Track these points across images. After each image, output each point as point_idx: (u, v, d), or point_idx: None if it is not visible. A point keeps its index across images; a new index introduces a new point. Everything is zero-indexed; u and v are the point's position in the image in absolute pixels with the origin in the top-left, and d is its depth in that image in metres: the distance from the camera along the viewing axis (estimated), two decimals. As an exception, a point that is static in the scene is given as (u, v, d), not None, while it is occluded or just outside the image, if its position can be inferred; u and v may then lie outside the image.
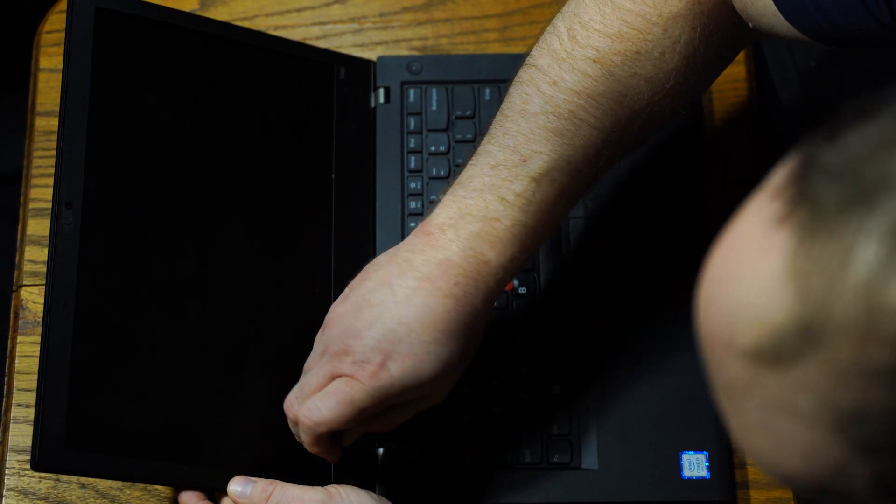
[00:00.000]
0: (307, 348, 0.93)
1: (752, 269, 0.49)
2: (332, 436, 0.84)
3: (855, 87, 1.02)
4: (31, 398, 0.95)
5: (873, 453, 0.48)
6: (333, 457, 0.85)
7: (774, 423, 0.50)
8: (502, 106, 0.83)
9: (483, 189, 0.80)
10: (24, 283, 0.99)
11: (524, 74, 0.82)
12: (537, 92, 0.80)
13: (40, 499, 0.93)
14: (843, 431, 0.48)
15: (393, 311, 0.79)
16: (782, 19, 0.75)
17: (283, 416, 0.90)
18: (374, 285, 0.81)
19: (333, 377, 0.81)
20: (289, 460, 0.89)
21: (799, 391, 0.48)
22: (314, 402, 0.81)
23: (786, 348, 0.47)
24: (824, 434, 0.48)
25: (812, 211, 0.47)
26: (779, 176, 0.50)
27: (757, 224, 0.50)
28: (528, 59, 0.83)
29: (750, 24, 0.80)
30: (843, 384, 0.46)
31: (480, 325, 0.81)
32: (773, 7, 0.75)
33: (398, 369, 0.79)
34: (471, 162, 0.82)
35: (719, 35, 0.81)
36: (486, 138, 0.82)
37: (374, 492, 0.88)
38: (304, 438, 0.83)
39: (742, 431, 0.53)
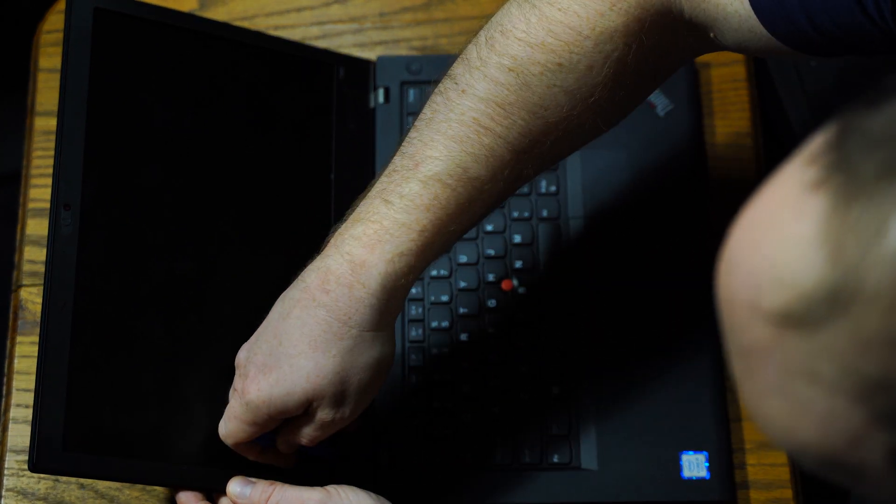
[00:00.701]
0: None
1: (784, 233, 0.48)
2: (263, 446, 0.85)
3: (855, 84, 1.01)
4: (30, 398, 0.95)
5: (893, 424, 0.47)
6: (285, 463, 0.87)
7: (793, 388, 0.49)
8: (416, 118, 0.81)
9: (373, 195, 0.79)
10: (24, 283, 0.99)
11: (440, 86, 0.80)
12: (444, 101, 0.79)
13: (39, 499, 0.93)
14: (863, 400, 0.47)
15: (273, 324, 0.80)
16: (758, 30, 0.73)
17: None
18: (277, 301, 0.81)
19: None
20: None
21: (822, 357, 0.47)
22: (221, 419, 0.84)
23: (813, 313, 0.47)
24: (844, 402, 0.48)
25: (850, 176, 0.47)
26: (815, 143, 0.50)
27: (791, 189, 0.49)
28: (448, 70, 0.81)
29: (710, 35, 0.77)
30: (869, 352, 0.46)
31: (362, 340, 0.78)
32: (749, 19, 0.73)
33: (265, 382, 0.79)
34: (378, 174, 0.81)
35: (656, 52, 0.78)
36: (396, 151, 0.81)
37: (374, 492, 0.88)
38: (237, 452, 0.85)
39: (757, 397, 0.52)
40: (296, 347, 0.78)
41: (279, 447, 0.85)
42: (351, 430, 0.90)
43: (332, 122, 0.99)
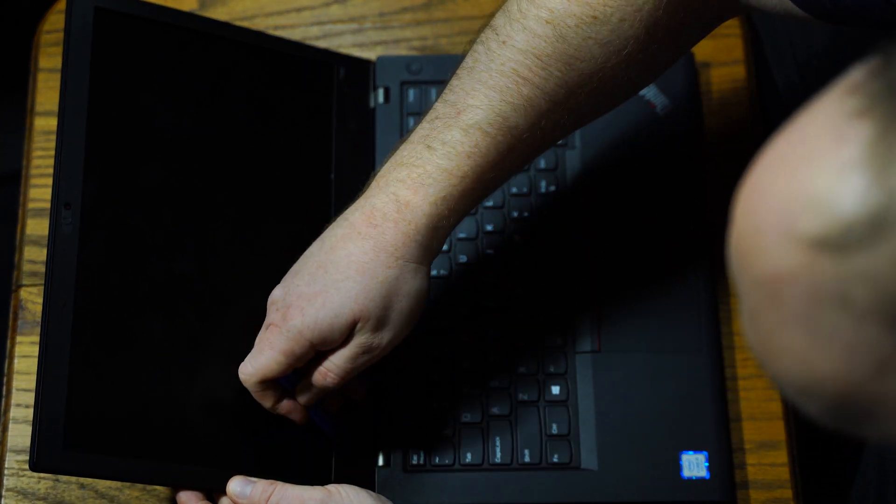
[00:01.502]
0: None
1: (824, 158, 0.48)
2: (282, 392, 0.86)
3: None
4: (30, 398, 0.95)
5: None
6: (298, 416, 0.87)
7: (819, 316, 0.49)
8: (458, 66, 0.84)
9: (416, 140, 0.82)
10: (24, 283, 0.99)
11: (481, 35, 0.83)
12: (485, 51, 0.82)
13: (39, 499, 0.93)
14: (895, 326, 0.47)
15: (316, 257, 0.82)
16: None
17: (282, 417, 0.90)
18: (314, 242, 0.84)
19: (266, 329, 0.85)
20: (288, 460, 0.89)
21: (857, 282, 0.47)
22: (247, 357, 0.84)
23: (853, 236, 0.47)
24: (875, 329, 0.48)
25: None
26: (853, 76, 0.50)
27: (830, 117, 0.49)
28: (489, 20, 0.84)
29: None
30: None
31: (407, 269, 0.81)
32: None
33: (311, 307, 0.81)
34: (418, 119, 0.85)
35: (686, 9, 0.80)
36: (438, 98, 0.84)
37: (374, 491, 0.88)
38: (254, 397, 0.85)
39: (774, 330, 0.51)
40: (343, 273, 0.81)
41: (299, 392, 0.85)
42: (357, 399, 0.91)
43: (332, 122, 0.99)
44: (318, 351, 0.83)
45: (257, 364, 0.83)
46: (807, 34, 1.09)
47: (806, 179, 0.49)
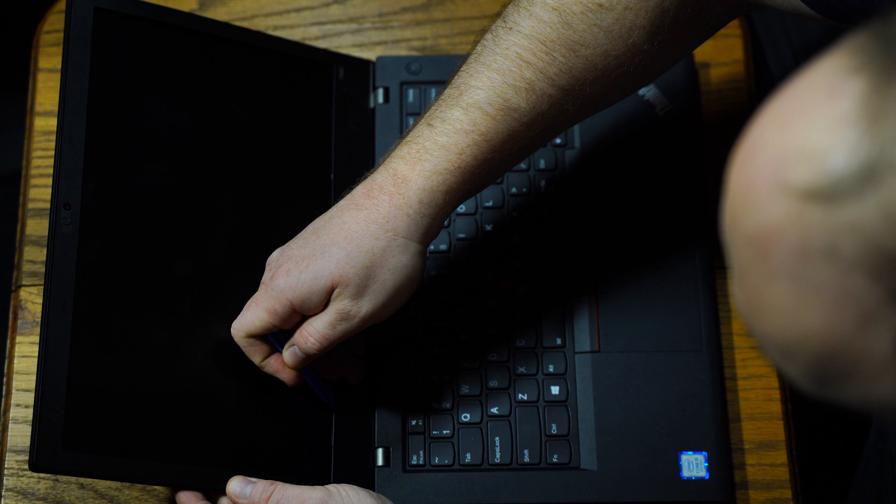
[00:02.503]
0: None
1: (817, 111, 0.49)
2: (272, 351, 0.87)
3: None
4: (30, 398, 0.95)
5: None
6: (287, 377, 0.88)
7: (807, 269, 0.49)
8: (469, 54, 0.85)
9: (421, 121, 0.84)
10: (23, 283, 0.99)
11: (492, 26, 0.84)
12: (493, 37, 0.83)
13: (39, 499, 0.93)
14: (882, 278, 0.48)
15: (315, 224, 0.85)
16: None
17: (282, 417, 0.90)
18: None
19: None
20: (288, 460, 0.89)
21: (845, 233, 0.48)
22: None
23: (843, 187, 0.47)
24: (861, 280, 0.48)
25: (891, 58, 0.47)
26: (849, 39, 0.50)
27: (825, 74, 0.50)
28: (500, 11, 0.85)
29: None
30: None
31: (396, 243, 0.82)
32: None
33: (296, 269, 0.83)
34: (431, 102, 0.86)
35: (694, 3, 0.81)
36: (448, 83, 0.86)
37: (374, 491, 0.88)
38: (244, 352, 0.87)
39: (761, 285, 0.52)
40: (332, 239, 0.83)
41: (286, 353, 0.86)
42: (352, 382, 0.92)
43: (331, 122, 0.99)
44: (303, 315, 0.85)
45: (244, 319, 0.86)
46: (802, 23, 1.09)
47: (798, 132, 0.49)
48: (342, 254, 0.82)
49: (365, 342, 0.93)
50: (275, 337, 0.86)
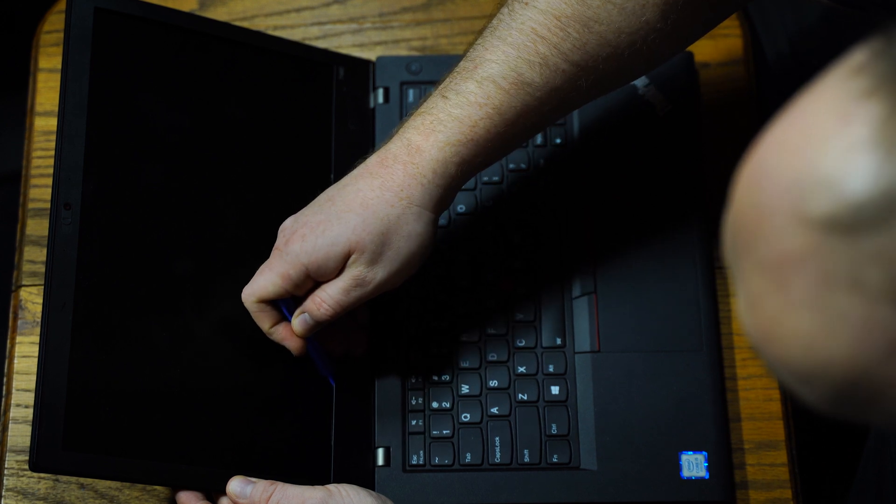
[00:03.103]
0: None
1: (831, 138, 0.48)
2: (281, 318, 0.87)
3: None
4: (30, 398, 0.95)
5: None
6: (293, 345, 0.88)
7: (830, 299, 0.48)
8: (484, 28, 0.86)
9: (436, 92, 0.85)
10: (24, 283, 0.99)
11: (508, 1, 0.85)
12: (508, 12, 0.84)
13: (39, 499, 0.93)
14: None
15: (329, 192, 0.86)
16: None
17: (282, 416, 0.90)
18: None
19: None
20: (288, 460, 0.89)
21: (869, 263, 0.47)
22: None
23: (865, 217, 0.46)
24: (887, 309, 0.47)
25: None
26: (856, 57, 0.49)
27: (836, 97, 0.48)
28: None
29: None
30: None
31: (410, 211, 0.83)
32: None
33: (311, 235, 0.84)
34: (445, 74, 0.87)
35: None
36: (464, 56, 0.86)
37: (374, 490, 0.88)
38: (253, 318, 0.87)
39: (781, 314, 0.50)
40: (347, 206, 0.83)
41: (296, 321, 0.86)
42: (356, 355, 0.92)
43: (331, 122, 0.99)
44: (315, 282, 0.85)
45: (256, 284, 0.86)
46: (798, 10, 1.09)
47: (813, 160, 0.48)
48: (358, 220, 0.83)
49: (368, 311, 0.94)
50: (285, 304, 0.87)
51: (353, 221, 0.83)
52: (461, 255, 0.98)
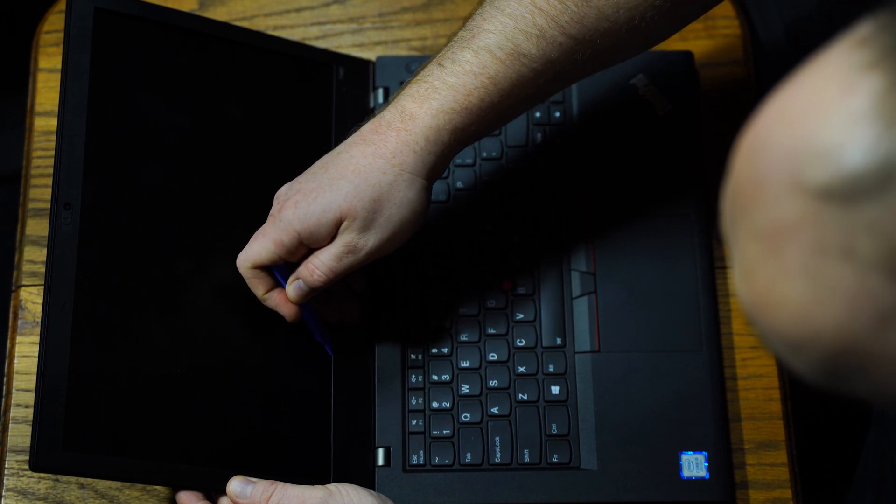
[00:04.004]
0: (306, 347, 0.93)
1: (832, 108, 0.48)
2: (275, 285, 0.88)
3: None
4: (30, 398, 0.95)
5: None
6: (287, 312, 0.89)
7: (822, 267, 0.49)
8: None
9: (433, 61, 0.85)
10: (24, 283, 0.99)
11: None
12: None
13: (39, 499, 0.93)
14: None
15: (324, 159, 0.86)
16: None
17: (282, 416, 0.90)
18: None
19: None
20: (288, 460, 0.89)
21: (862, 233, 0.47)
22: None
23: (861, 186, 0.47)
24: (879, 279, 0.47)
25: None
26: (861, 30, 0.49)
27: (838, 69, 0.49)
28: None
29: None
30: None
31: (402, 178, 0.83)
32: None
33: (304, 201, 0.84)
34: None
35: None
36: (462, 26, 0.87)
37: (374, 490, 0.88)
38: (247, 284, 0.88)
39: (773, 282, 0.51)
40: (340, 173, 0.84)
41: (290, 287, 0.87)
42: (349, 322, 0.93)
43: (331, 122, 0.99)
44: (309, 248, 0.86)
45: (250, 250, 0.87)
46: None
47: (813, 129, 0.48)
48: (350, 187, 0.83)
49: (364, 278, 0.94)
50: (279, 271, 0.87)
51: (346, 188, 0.83)
52: (461, 254, 0.98)
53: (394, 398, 0.94)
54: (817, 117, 0.49)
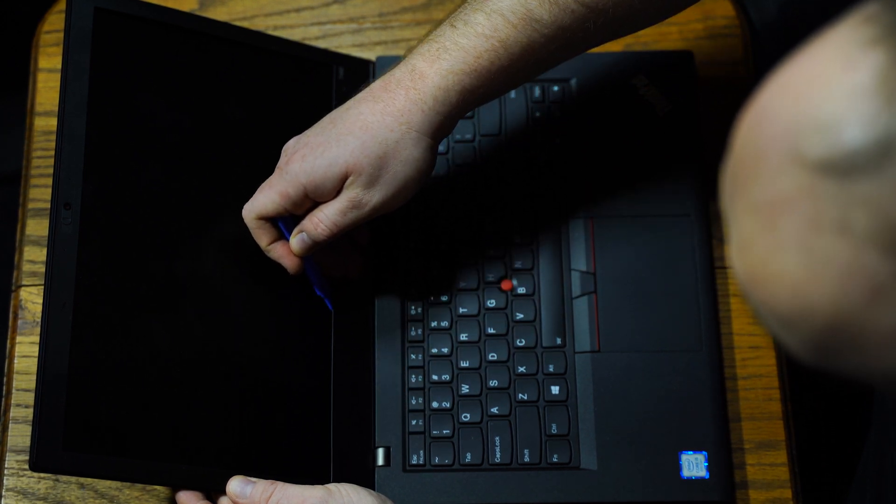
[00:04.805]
0: (305, 348, 0.93)
1: (834, 83, 0.48)
2: (279, 237, 0.89)
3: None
4: (30, 398, 0.95)
5: None
6: (290, 263, 0.90)
7: (818, 241, 0.49)
8: None
9: (446, 21, 0.86)
10: (23, 283, 0.99)
11: None
12: None
13: (39, 499, 0.93)
14: (895, 254, 0.47)
15: (333, 114, 0.87)
16: None
17: (282, 416, 0.90)
18: None
19: None
20: (288, 460, 0.89)
21: (859, 207, 0.47)
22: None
23: (859, 161, 0.47)
24: (873, 255, 0.48)
25: None
26: (868, 7, 0.50)
27: (843, 44, 0.49)
28: None
29: None
30: None
31: (409, 136, 0.84)
32: None
33: (311, 155, 0.85)
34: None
35: None
36: None
37: (374, 490, 0.88)
38: (252, 235, 0.89)
39: (769, 254, 0.51)
40: (348, 128, 0.85)
41: (293, 240, 0.88)
42: (352, 276, 0.94)
43: (331, 122, 0.99)
44: (314, 202, 0.86)
45: (256, 201, 0.88)
46: None
47: (813, 103, 0.49)
48: (357, 143, 0.84)
49: (368, 232, 0.95)
50: (284, 223, 0.88)
51: (352, 144, 0.84)
52: (462, 254, 0.98)
53: (394, 398, 0.94)
54: (819, 91, 0.49)
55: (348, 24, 1.08)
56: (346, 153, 0.84)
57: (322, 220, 0.86)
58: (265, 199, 0.87)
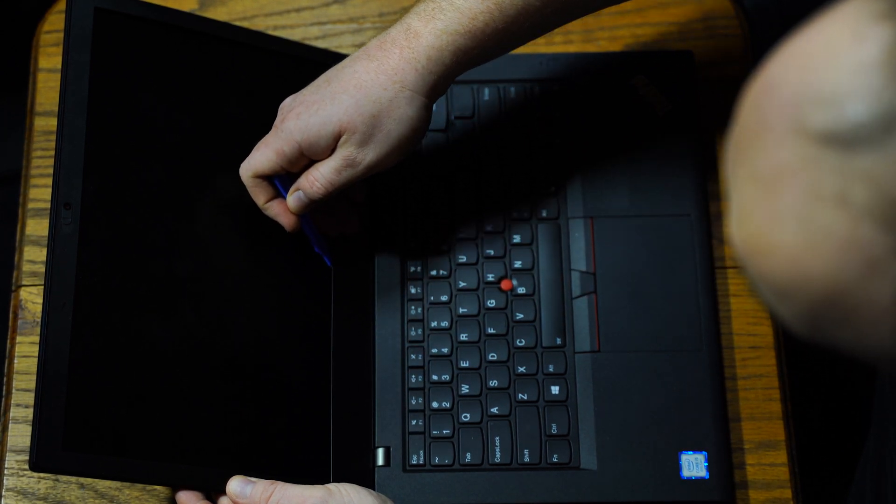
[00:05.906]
0: (305, 347, 0.93)
1: (841, 56, 0.49)
2: (276, 195, 0.90)
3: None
4: (30, 398, 0.95)
5: None
6: (286, 221, 0.90)
7: (816, 212, 0.49)
8: None
9: None
10: (23, 283, 0.99)
11: None
12: None
13: (39, 499, 0.93)
14: (892, 228, 0.47)
15: (328, 73, 0.88)
16: None
17: (282, 416, 0.90)
18: None
19: None
20: (288, 460, 0.89)
21: (858, 180, 0.48)
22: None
23: (862, 134, 0.47)
24: (870, 229, 0.48)
25: None
26: None
27: (852, 18, 0.49)
28: None
29: None
30: None
31: (403, 95, 0.85)
32: None
33: (306, 113, 0.86)
34: None
35: None
36: None
37: (374, 490, 0.88)
38: (249, 192, 0.90)
39: (769, 224, 0.51)
40: (342, 87, 0.85)
41: (290, 198, 0.89)
42: (349, 231, 0.95)
43: (331, 122, 0.99)
44: (310, 160, 0.87)
45: (252, 159, 0.88)
46: None
47: (820, 75, 0.49)
48: (351, 101, 0.85)
49: (365, 189, 0.96)
50: (281, 181, 0.89)
51: (346, 102, 0.85)
52: (461, 254, 0.98)
53: (394, 398, 0.94)
54: (826, 63, 0.49)
55: (348, 24, 1.08)
56: (339, 111, 0.85)
57: (317, 179, 0.87)
58: (261, 157, 0.88)
